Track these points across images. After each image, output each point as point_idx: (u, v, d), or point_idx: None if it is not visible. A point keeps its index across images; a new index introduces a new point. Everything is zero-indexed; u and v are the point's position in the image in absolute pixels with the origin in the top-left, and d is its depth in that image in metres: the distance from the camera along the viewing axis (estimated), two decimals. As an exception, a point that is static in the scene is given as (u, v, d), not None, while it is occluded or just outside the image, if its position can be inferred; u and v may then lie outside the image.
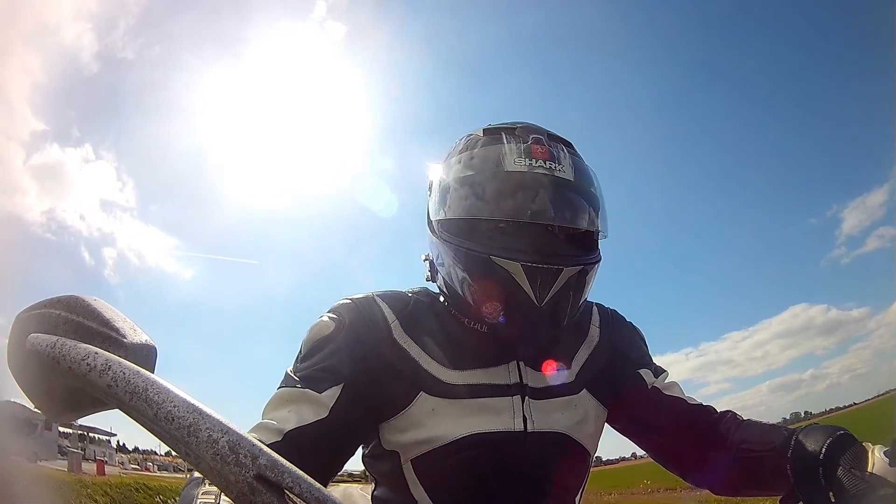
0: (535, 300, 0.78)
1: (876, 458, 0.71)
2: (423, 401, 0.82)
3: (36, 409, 0.46)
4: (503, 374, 0.86)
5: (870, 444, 0.73)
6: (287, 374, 0.83)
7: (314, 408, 0.77)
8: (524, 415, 0.84)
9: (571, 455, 0.88)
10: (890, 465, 0.68)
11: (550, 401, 0.87)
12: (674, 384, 0.98)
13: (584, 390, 0.91)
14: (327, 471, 0.79)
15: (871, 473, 0.70)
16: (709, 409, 0.94)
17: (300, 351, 0.86)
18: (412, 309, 0.89)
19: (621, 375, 0.96)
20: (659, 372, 0.99)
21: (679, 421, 0.93)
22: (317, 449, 0.75)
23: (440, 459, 0.81)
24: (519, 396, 0.85)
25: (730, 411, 0.93)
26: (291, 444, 0.73)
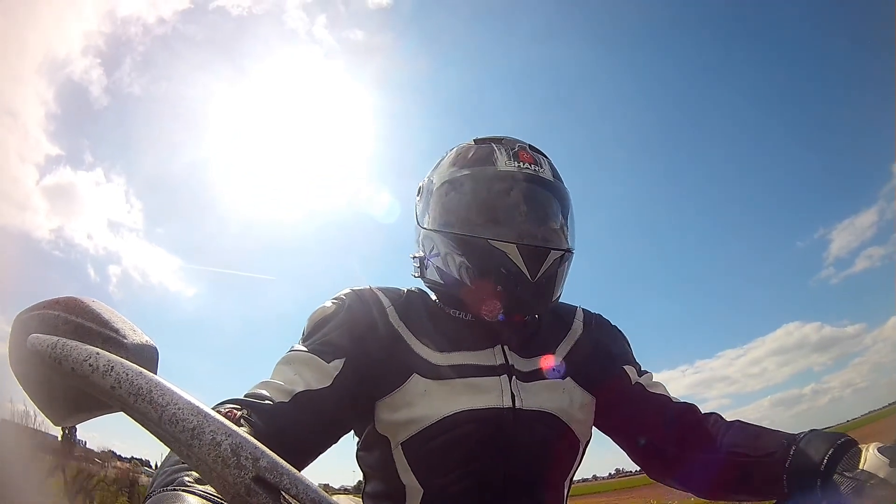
0: (528, 276, 0.87)
1: (869, 454, 0.69)
2: (416, 382, 0.86)
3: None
4: (489, 357, 0.91)
5: (867, 444, 0.71)
6: (291, 348, 0.87)
7: (319, 376, 0.80)
8: (512, 392, 0.87)
9: (561, 436, 0.90)
10: (890, 465, 0.65)
11: (537, 383, 0.90)
12: (658, 383, 0.98)
13: (569, 378, 0.94)
14: (321, 442, 0.82)
15: (861, 470, 0.67)
16: (693, 408, 0.93)
17: (303, 332, 0.91)
18: (406, 299, 0.97)
19: (604, 369, 0.97)
20: (643, 371, 1.00)
21: (664, 417, 0.92)
22: (319, 415, 0.78)
23: (430, 439, 0.83)
24: (506, 376, 0.89)
25: (715, 413, 0.92)
26: (299, 406, 0.76)
